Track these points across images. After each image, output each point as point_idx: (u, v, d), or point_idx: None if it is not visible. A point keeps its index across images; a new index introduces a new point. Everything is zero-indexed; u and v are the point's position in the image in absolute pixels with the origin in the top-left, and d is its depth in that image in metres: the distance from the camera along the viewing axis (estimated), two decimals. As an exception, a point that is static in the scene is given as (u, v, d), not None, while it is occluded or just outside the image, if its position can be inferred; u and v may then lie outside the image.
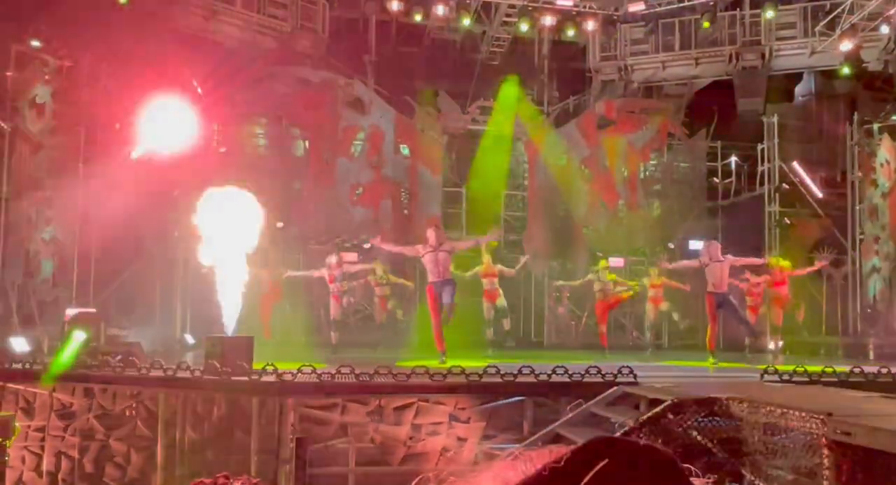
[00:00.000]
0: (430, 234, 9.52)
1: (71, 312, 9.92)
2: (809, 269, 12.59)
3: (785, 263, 11.98)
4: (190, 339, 12.00)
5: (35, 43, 12.35)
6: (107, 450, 7.49)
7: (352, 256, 14.41)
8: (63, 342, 8.17)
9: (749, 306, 12.54)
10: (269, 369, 7.01)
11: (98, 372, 7.70)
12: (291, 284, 12.52)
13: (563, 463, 0.99)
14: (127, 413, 7.46)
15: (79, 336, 7.97)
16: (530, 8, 16.87)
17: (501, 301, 12.33)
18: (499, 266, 12.29)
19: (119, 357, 8.14)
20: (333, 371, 6.97)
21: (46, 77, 11.76)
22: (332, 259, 11.98)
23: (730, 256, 10.40)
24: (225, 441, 7.01)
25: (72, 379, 7.65)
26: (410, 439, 6.87)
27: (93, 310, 10.32)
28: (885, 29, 15.00)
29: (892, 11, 14.31)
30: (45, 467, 7.57)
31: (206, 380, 7.15)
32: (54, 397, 7.67)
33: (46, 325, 10.47)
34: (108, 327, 10.06)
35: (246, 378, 7.02)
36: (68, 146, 11.82)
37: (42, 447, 7.62)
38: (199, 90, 13.53)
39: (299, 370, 6.95)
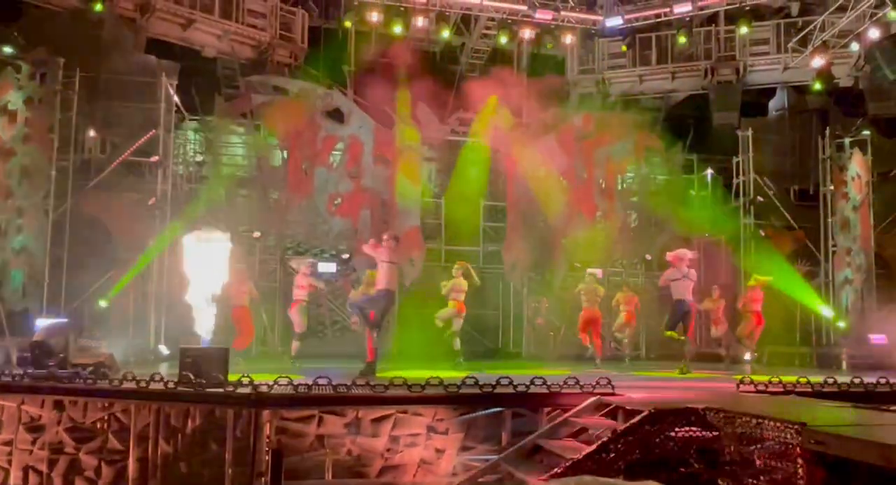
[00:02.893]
0: (394, 244, 9.51)
1: (41, 322, 9.73)
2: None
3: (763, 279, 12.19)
4: (164, 350, 11.79)
5: (7, 49, 12.17)
6: (77, 464, 7.30)
7: (330, 266, 14.33)
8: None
9: (713, 320, 13.10)
10: (245, 380, 6.92)
11: (69, 384, 7.53)
12: (268, 295, 12.32)
13: None
14: (98, 426, 7.30)
15: None
16: (510, 21, 17.01)
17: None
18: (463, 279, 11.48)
19: (90, 369, 7.98)
20: (310, 382, 6.89)
21: (19, 84, 11.57)
22: (303, 267, 11.65)
23: (693, 272, 10.97)
24: (199, 454, 6.88)
25: (41, 391, 7.48)
26: (388, 450, 6.80)
27: (64, 320, 10.13)
28: (855, 46, 15.36)
29: (861, 29, 14.66)
30: (12, 481, 7.36)
31: (181, 392, 7.03)
32: (22, 409, 7.48)
33: (16, 336, 10.23)
34: (80, 338, 9.87)
35: (221, 390, 6.92)
36: (40, 154, 11.61)
37: (9, 461, 7.42)
38: (177, 99, 13.41)
39: (275, 382, 6.87)
